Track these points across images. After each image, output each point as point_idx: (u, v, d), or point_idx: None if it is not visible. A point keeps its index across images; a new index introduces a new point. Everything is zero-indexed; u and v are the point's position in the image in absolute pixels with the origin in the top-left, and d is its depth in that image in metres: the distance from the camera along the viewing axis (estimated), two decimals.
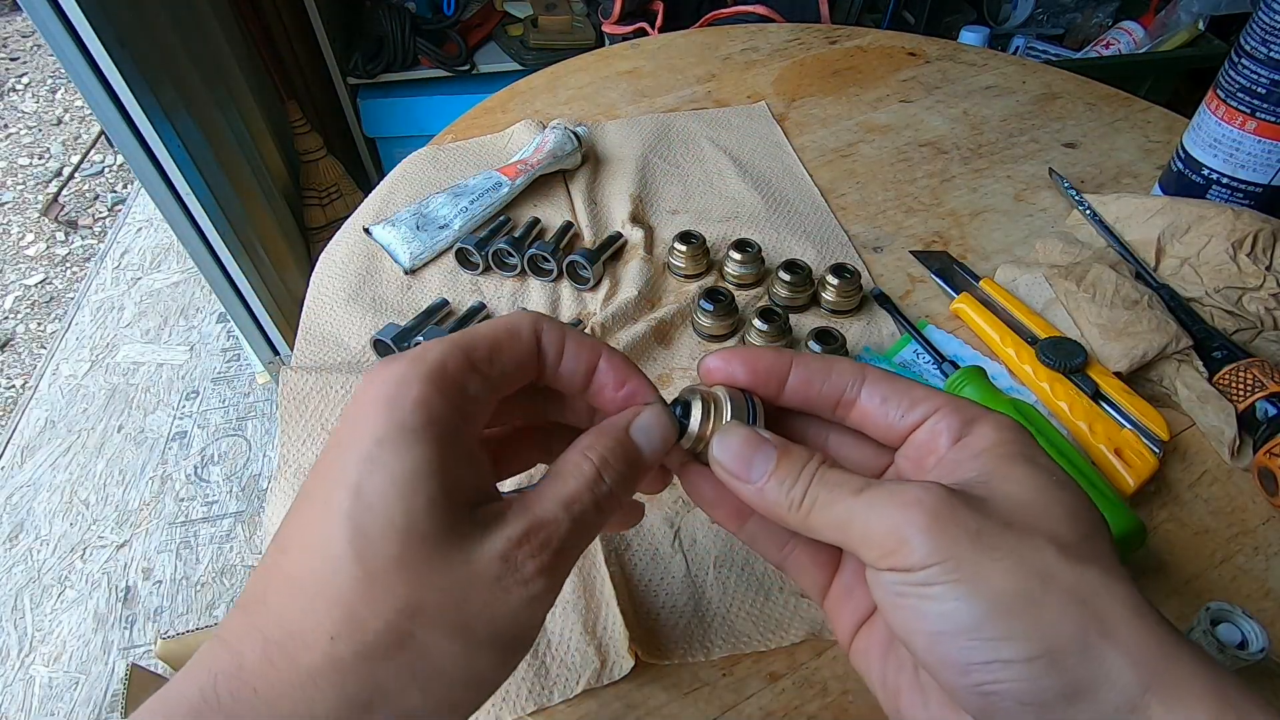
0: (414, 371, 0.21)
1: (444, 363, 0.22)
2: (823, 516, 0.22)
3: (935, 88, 0.77)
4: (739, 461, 0.23)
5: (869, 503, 0.21)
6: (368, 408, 0.21)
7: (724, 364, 0.26)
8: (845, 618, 0.25)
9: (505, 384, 0.24)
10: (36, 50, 2.62)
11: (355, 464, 0.20)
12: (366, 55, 1.61)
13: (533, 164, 0.62)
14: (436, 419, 0.21)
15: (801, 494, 0.22)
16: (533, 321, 0.24)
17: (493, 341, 0.23)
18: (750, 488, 0.23)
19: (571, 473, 0.23)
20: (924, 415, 0.23)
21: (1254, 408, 0.44)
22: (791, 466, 0.23)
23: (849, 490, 0.22)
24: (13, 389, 1.58)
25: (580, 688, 0.35)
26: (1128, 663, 0.18)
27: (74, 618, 1.18)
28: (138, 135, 1.00)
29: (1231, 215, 0.51)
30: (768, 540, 0.26)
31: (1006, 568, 0.19)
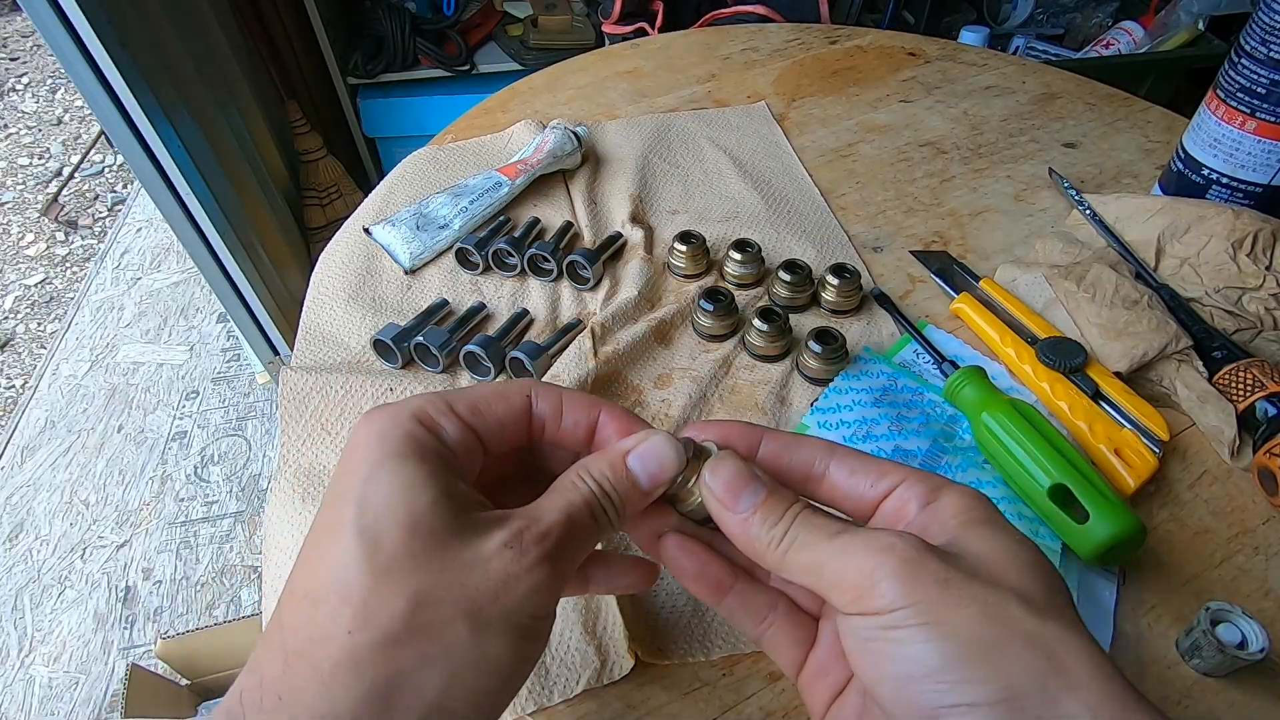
0: (400, 413, 0.24)
1: (425, 407, 0.24)
2: (799, 557, 0.23)
3: (935, 88, 0.77)
4: (729, 490, 0.24)
5: (843, 546, 0.22)
6: (360, 446, 0.23)
7: (697, 433, 0.27)
8: (819, 694, 0.25)
9: (492, 438, 0.25)
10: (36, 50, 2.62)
11: (356, 485, 0.22)
12: (366, 55, 1.61)
13: (533, 164, 0.62)
14: (425, 447, 0.23)
15: (782, 533, 0.23)
16: (524, 386, 0.26)
17: (477, 397, 0.25)
18: (736, 519, 0.24)
19: (568, 489, 0.24)
20: (892, 485, 0.24)
21: (1254, 408, 0.44)
22: (777, 505, 0.24)
23: (826, 533, 0.23)
24: (13, 389, 1.58)
25: (580, 688, 0.35)
26: (1088, 713, 0.18)
27: (74, 618, 1.18)
28: (138, 135, 1.00)
29: (1231, 215, 0.51)
30: (746, 615, 0.27)
31: (972, 614, 0.20)
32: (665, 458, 0.25)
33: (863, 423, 0.46)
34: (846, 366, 0.48)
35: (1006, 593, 0.20)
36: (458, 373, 0.50)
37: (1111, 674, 0.19)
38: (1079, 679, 0.19)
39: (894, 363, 0.50)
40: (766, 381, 0.49)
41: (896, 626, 0.20)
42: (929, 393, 0.48)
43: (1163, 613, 0.38)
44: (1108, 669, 0.19)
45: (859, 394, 0.47)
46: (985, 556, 0.21)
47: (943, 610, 0.20)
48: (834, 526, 0.23)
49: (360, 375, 0.48)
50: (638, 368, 0.50)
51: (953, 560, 0.21)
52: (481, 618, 0.21)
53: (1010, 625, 0.19)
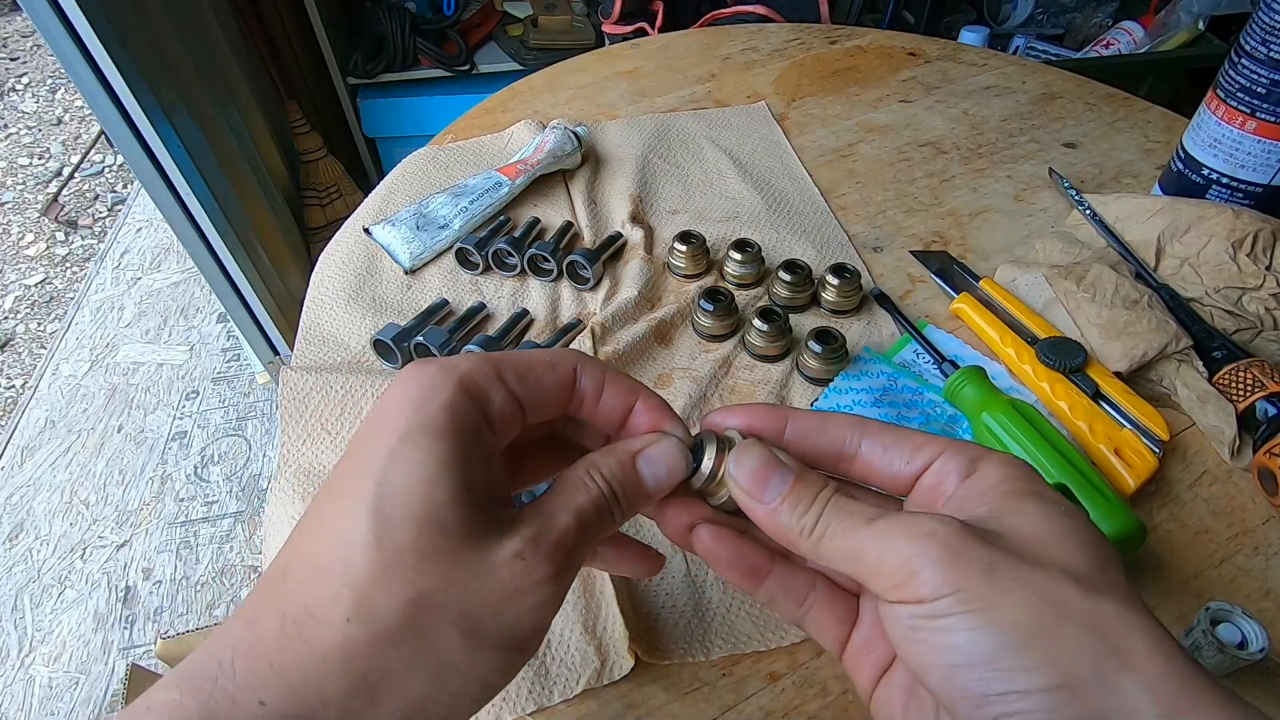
0: (444, 376, 0.22)
1: (473, 372, 0.23)
2: (834, 545, 0.22)
3: (935, 88, 0.77)
4: (755, 480, 0.23)
5: (880, 533, 0.21)
6: (397, 405, 0.22)
7: (721, 419, 0.26)
8: (865, 671, 0.25)
9: (535, 408, 0.24)
10: (36, 50, 2.62)
11: (381, 456, 0.21)
12: (366, 55, 1.61)
13: (533, 164, 0.62)
14: (461, 422, 0.22)
15: (815, 520, 0.22)
16: (573, 358, 0.25)
17: (526, 365, 0.24)
18: (764, 508, 0.23)
19: (577, 487, 0.24)
20: (929, 459, 0.23)
21: (1254, 408, 0.44)
22: (806, 491, 0.23)
23: (861, 519, 0.22)
24: (13, 389, 1.58)
25: (580, 688, 0.35)
26: (1147, 694, 0.18)
27: (74, 618, 1.18)
28: (138, 135, 1.00)
29: (1231, 215, 0.51)
30: (785, 599, 0.26)
31: (1021, 599, 0.19)
32: (673, 463, 0.25)
33: None
34: (846, 366, 0.48)
35: (1055, 573, 0.19)
36: None
37: (1170, 650, 0.18)
38: (1136, 659, 0.18)
39: (894, 363, 0.50)
40: (766, 381, 0.49)
41: (941, 615, 0.19)
42: (929, 393, 0.48)
43: (1163, 613, 0.38)
44: (1166, 645, 0.18)
45: (859, 394, 0.47)
46: (1031, 533, 0.21)
47: (989, 596, 0.19)
48: (868, 511, 0.22)
49: (360, 375, 0.48)
50: (638, 368, 0.50)
51: (997, 541, 0.20)
52: (480, 629, 0.21)
53: (1061, 608, 0.19)
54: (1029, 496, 0.22)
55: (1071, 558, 0.20)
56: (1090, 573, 0.20)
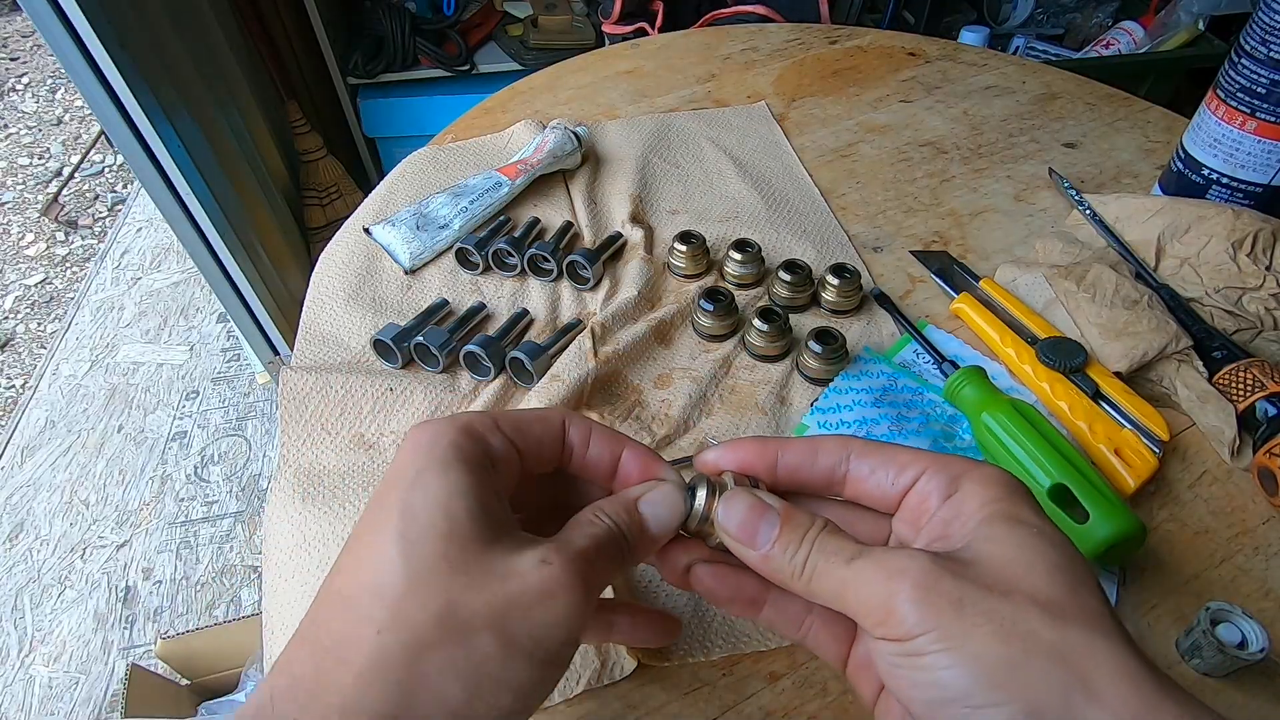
0: (448, 424, 0.24)
1: (472, 421, 0.25)
2: (821, 584, 0.23)
3: (935, 88, 0.77)
4: (744, 528, 0.24)
5: (859, 572, 0.22)
6: (409, 454, 0.24)
7: (714, 458, 0.27)
8: (867, 684, 0.25)
9: (530, 455, 0.26)
10: (36, 50, 2.62)
11: (400, 491, 0.22)
12: (366, 55, 1.61)
13: (533, 164, 0.62)
14: (469, 456, 0.23)
15: (803, 561, 0.23)
16: (559, 412, 0.27)
17: (518, 418, 0.26)
18: (756, 554, 0.24)
19: (587, 524, 0.25)
20: (913, 478, 0.24)
21: (1254, 408, 0.44)
22: (795, 532, 0.24)
23: (842, 559, 0.22)
24: (13, 389, 1.58)
25: (580, 688, 0.35)
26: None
27: (74, 618, 1.18)
28: (138, 135, 1.00)
29: (1231, 215, 0.51)
30: (784, 623, 0.27)
31: (989, 633, 0.19)
32: (672, 504, 0.26)
33: (863, 423, 0.46)
34: (846, 366, 0.48)
35: (1024, 602, 0.20)
36: (458, 373, 0.50)
37: (1137, 675, 0.19)
38: (1102, 687, 0.18)
39: (894, 363, 0.50)
40: (766, 381, 0.49)
41: (919, 653, 0.20)
42: (929, 393, 0.48)
43: (1163, 613, 0.38)
44: (1133, 670, 0.19)
45: (859, 394, 0.47)
46: (1002, 560, 0.21)
47: (960, 633, 0.19)
48: (849, 550, 0.23)
49: (360, 375, 0.48)
50: (638, 368, 0.50)
51: (968, 572, 0.21)
52: (512, 633, 0.21)
53: (1029, 639, 0.19)
54: (1005, 521, 0.22)
55: (1040, 584, 0.20)
56: (1060, 599, 0.20)
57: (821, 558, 0.23)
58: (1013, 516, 0.22)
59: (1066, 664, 0.19)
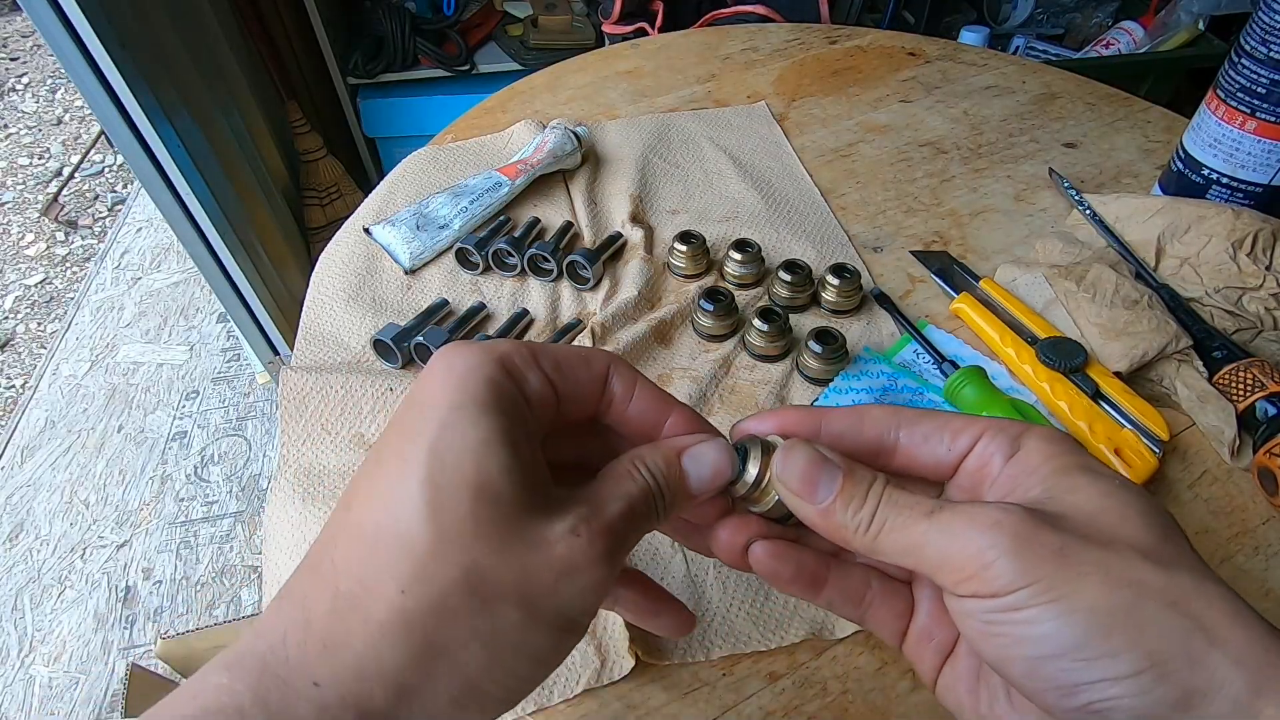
0: (485, 355, 0.22)
1: (511, 354, 0.23)
2: (892, 540, 0.22)
3: (935, 88, 0.77)
4: (804, 481, 0.23)
5: (943, 526, 0.21)
6: (441, 379, 0.21)
7: (754, 425, 0.26)
8: (927, 658, 0.24)
9: (569, 398, 0.24)
10: (36, 50, 2.62)
11: (432, 426, 0.20)
12: (366, 55, 1.61)
13: (533, 164, 0.62)
14: (506, 398, 0.22)
15: (870, 516, 0.22)
16: (606, 357, 0.25)
17: (562, 355, 0.24)
18: (817, 509, 0.23)
19: (624, 477, 0.23)
20: (971, 442, 0.23)
21: (1254, 408, 0.44)
22: (858, 487, 0.22)
23: (920, 512, 0.21)
24: (13, 389, 1.58)
25: (580, 688, 0.35)
26: (1236, 667, 0.17)
27: (74, 618, 1.18)
28: (138, 135, 1.00)
29: (1231, 215, 0.51)
30: (844, 602, 0.25)
31: (1098, 582, 0.18)
32: (719, 464, 0.24)
33: None
34: (846, 366, 0.48)
35: (1126, 550, 0.19)
36: None
37: (1250, 619, 0.18)
38: (1220, 632, 0.18)
39: (894, 363, 0.50)
40: (766, 381, 0.49)
41: (1019, 607, 0.19)
42: (929, 393, 0.48)
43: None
44: (1245, 614, 0.18)
45: (859, 394, 0.47)
46: (1092, 510, 0.20)
47: (1066, 584, 0.19)
48: (926, 504, 0.21)
49: (360, 375, 0.48)
50: (638, 368, 0.50)
51: (1062, 524, 0.20)
52: (535, 604, 0.20)
53: (1139, 587, 0.18)
54: (1080, 471, 0.21)
55: (1138, 533, 0.20)
56: (1158, 546, 0.19)
57: (892, 512, 0.22)
58: (1088, 467, 0.21)
59: (1181, 610, 0.18)
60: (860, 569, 0.26)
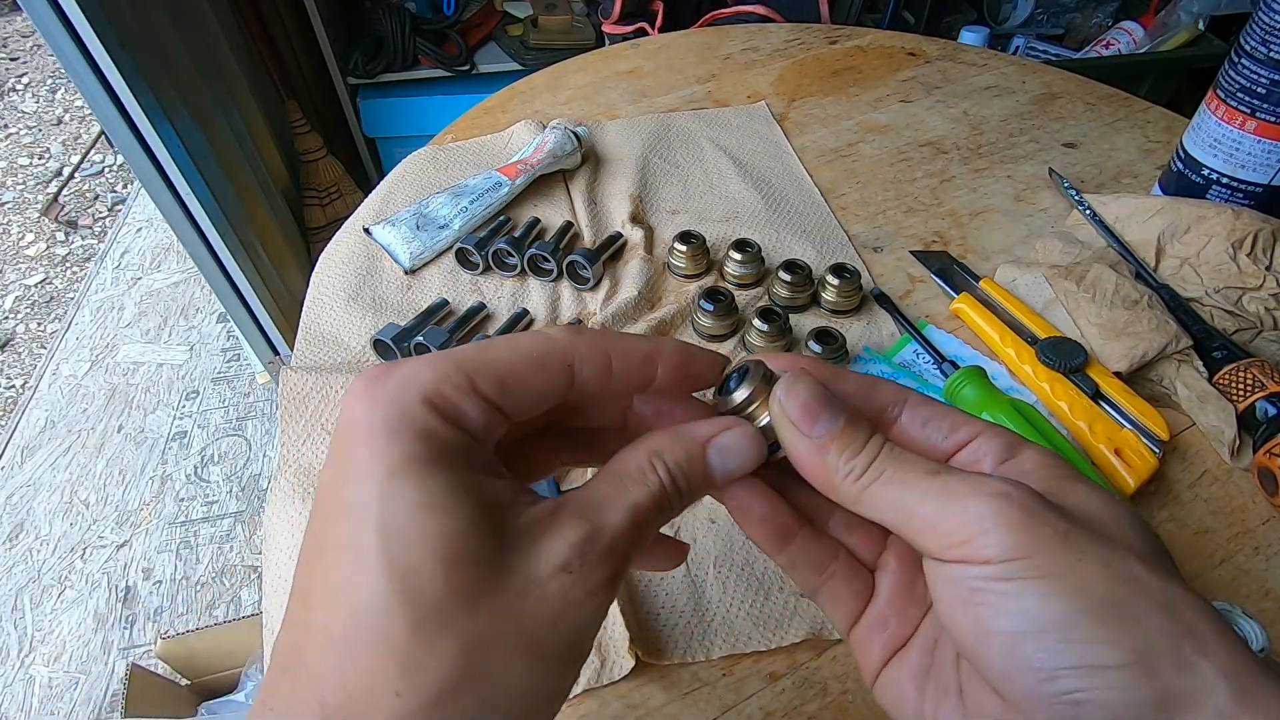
0: (407, 397, 0.19)
1: (440, 387, 0.19)
2: (884, 494, 0.21)
3: (935, 88, 0.77)
4: (805, 411, 0.21)
5: (944, 487, 0.20)
6: (365, 439, 0.19)
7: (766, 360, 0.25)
8: (874, 651, 0.24)
9: (520, 413, 0.21)
10: (36, 50, 2.62)
11: (372, 500, 0.18)
12: (366, 55, 1.61)
13: (533, 164, 0.62)
14: (445, 448, 0.19)
15: (866, 464, 0.21)
16: (564, 351, 0.21)
17: (505, 368, 0.21)
18: (809, 443, 0.21)
19: (636, 478, 0.21)
20: (967, 438, 0.23)
21: (1254, 408, 0.44)
22: (858, 433, 0.21)
23: (921, 470, 0.21)
24: (13, 389, 1.58)
25: (580, 688, 0.35)
26: (1222, 677, 0.17)
27: (74, 618, 1.18)
28: (138, 135, 1.00)
29: (1231, 215, 0.51)
30: (807, 565, 0.25)
31: (1096, 570, 0.18)
32: (749, 453, 0.23)
33: None
34: (846, 366, 0.48)
35: (1126, 552, 0.19)
36: None
37: (1234, 637, 0.18)
38: (1209, 641, 0.18)
39: (894, 363, 0.50)
40: None
41: (1010, 578, 0.18)
42: (929, 393, 0.48)
43: None
44: (1230, 632, 0.18)
45: None
46: (1090, 512, 0.20)
47: (1065, 564, 0.18)
48: (928, 464, 0.21)
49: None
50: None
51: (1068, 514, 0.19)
52: (538, 649, 0.19)
53: (1136, 584, 0.18)
54: (1078, 480, 0.21)
55: (1135, 539, 0.20)
56: (1153, 556, 0.19)
57: (892, 464, 0.21)
58: (1083, 479, 0.21)
59: (1175, 615, 0.18)
60: (829, 539, 0.25)
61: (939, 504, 0.20)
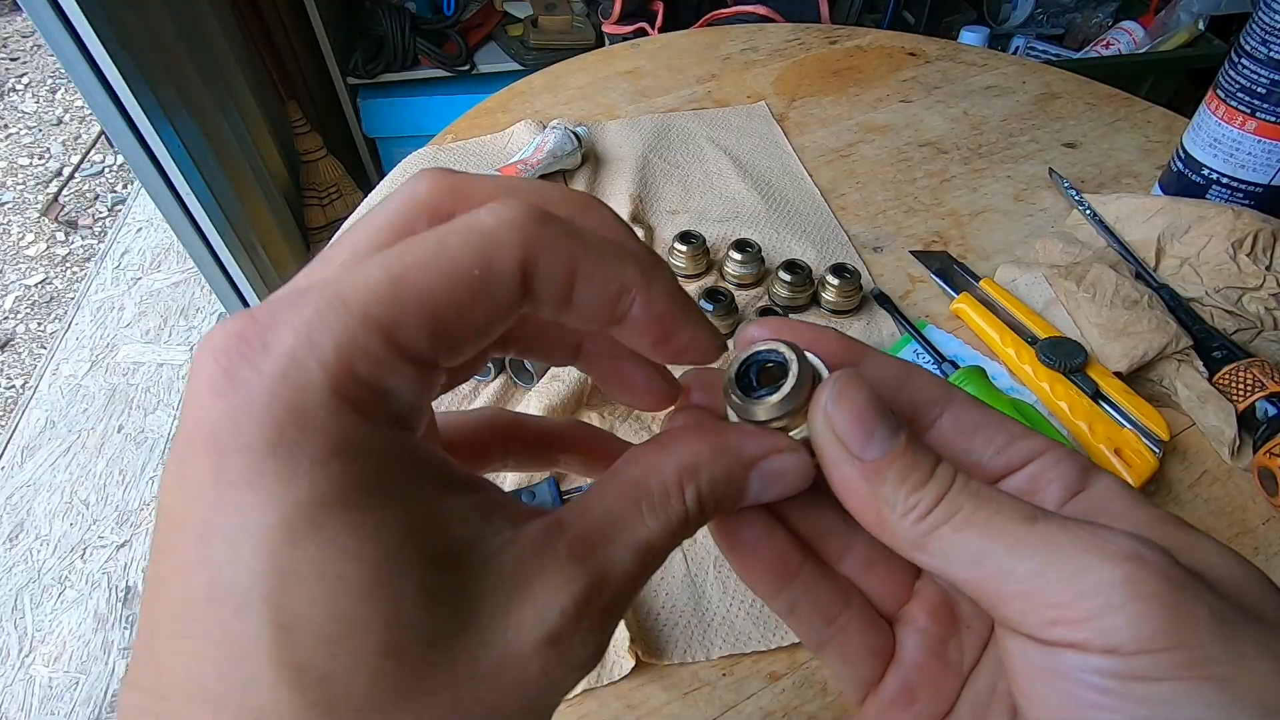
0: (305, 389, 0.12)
1: (352, 363, 0.13)
2: (960, 540, 0.16)
3: (935, 88, 0.77)
4: (857, 425, 0.16)
5: (1050, 540, 0.15)
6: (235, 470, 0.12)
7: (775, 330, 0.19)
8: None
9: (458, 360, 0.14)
10: (36, 50, 2.62)
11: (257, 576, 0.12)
12: (366, 55, 1.61)
13: (533, 164, 0.62)
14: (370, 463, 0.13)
15: (935, 499, 0.16)
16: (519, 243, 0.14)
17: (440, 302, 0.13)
18: (856, 466, 0.16)
19: (659, 501, 0.16)
20: (1025, 457, 0.18)
21: (1254, 408, 0.44)
22: (923, 456, 0.16)
23: (1017, 515, 0.15)
24: (13, 389, 1.58)
25: (580, 688, 0.35)
26: None
27: (74, 618, 1.18)
28: (138, 135, 1.00)
29: (1231, 215, 0.51)
30: (812, 611, 0.19)
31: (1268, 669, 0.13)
32: (792, 485, 0.18)
33: None
34: None
35: None
36: None
37: None
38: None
39: None
40: None
41: (1155, 678, 0.14)
42: None
43: None
44: None
45: None
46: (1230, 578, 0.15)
47: (1229, 662, 0.13)
48: (1025, 507, 0.16)
49: None
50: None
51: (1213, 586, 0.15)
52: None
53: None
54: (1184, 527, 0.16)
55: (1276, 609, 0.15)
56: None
57: (971, 503, 0.16)
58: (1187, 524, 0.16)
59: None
60: (842, 580, 0.20)
61: (1041, 563, 0.15)
